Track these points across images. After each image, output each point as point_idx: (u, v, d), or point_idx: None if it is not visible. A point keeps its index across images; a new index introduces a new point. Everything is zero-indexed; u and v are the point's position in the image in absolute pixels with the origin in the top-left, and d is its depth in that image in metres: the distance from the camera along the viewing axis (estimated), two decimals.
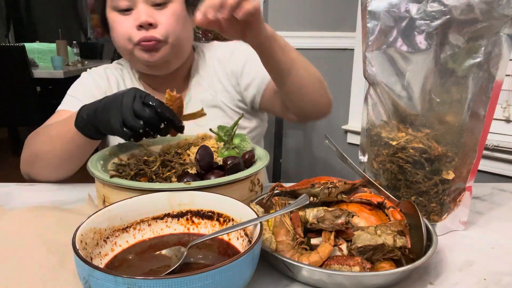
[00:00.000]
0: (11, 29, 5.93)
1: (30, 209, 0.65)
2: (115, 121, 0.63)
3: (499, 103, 1.51)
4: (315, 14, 1.95)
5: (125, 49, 0.88)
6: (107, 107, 0.66)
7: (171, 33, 0.85)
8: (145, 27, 0.83)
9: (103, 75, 0.98)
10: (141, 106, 0.63)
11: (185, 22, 0.89)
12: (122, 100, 0.64)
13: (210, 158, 0.63)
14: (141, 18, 0.82)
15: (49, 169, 0.81)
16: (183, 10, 0.88)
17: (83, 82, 0.97)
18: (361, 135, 0.72)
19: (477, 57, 0.57)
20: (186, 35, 0.91)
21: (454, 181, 0.62)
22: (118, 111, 0.63)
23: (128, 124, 0.63)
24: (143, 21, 0.82)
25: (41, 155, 0.80)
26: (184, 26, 0.88)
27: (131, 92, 0.65)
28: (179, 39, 0.88)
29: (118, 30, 0.86)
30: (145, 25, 0.83)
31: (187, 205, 0.55)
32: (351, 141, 2.10)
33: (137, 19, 0.83)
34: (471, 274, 0.54)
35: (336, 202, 0.62)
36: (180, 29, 0.87)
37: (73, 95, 0.94)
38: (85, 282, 0.38)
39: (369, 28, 0.63)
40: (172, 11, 0.85)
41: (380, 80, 0.64)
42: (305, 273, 0.48)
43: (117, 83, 0.98)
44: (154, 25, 0.83)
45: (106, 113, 0.65)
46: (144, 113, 0.62)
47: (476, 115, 0.59)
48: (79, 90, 0.95)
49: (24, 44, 2.95)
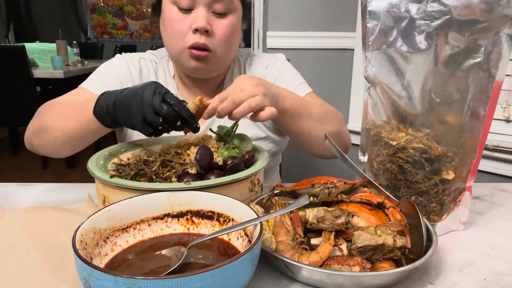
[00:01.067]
0: (11, 29, 5.93)
1: (30, 209, 0.65)
2: (135, 117, 0.63)
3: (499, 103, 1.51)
4: (315, 14, 1.95)
5: (175, 48, 0.86)
6: (126, 100, 0.65)
7: (223, 45, 0.85)
8: (201, 32, 0.82)
9: (137, 65, 0.96)
10: (159, 103, 0.63)
11: (238, 35, 0.89)
12: (142, 95, 0.63)
13: (210, 158, 0.63)
14: (200, 23, 0.81)
15: (55, 145, 0.81)
16: (239, 22, 0.88)
17: (115, 66, 0.95)
18: (361, 135, 0.72)
19: (477, 57, 0.57)
20: (235, 48, 0.91)
21: (454, 181, 0.62)
22: (139, 107, 0.63)
23: (148, 120, 0.63)
24: (201, 27, 0.81)
25: (50, 129, 0.79)
26: (236, 39, 0.89)
27: (151, 87, 0.64)
28: (228, 52, 0.88)
29: (175, 27, 0.84)
30: (202, 30, 0.82)
31: (187, 205, 0.55)
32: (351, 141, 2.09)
33: (195, 23, 0.81)
34: (471, 274, 0.54)
35: (336, 202, 0.62)
36: (232, 41, 0.87)
37: (100, 76, 0.93)
38: (85, 282, 0.38)
39: (369, 28, 0.63)
40: (230, 22, 0.84)
41: (380, 80, 0.64)
42: (305, 273, 0.48)
43: (149, 75, 0.96)
44: (209, 32, 0.83)
45: (126, 107, 0.65)
46: (162, 110, 0.62)
47: (476, 115, 0.59)
48: (108, 73, 0.93)
49: (24, 44, 2.95)
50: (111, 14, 6.40)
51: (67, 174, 3.35)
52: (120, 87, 0.87)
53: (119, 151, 0.73)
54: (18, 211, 0.65)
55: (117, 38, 6.45)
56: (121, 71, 0.94)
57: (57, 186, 0.84)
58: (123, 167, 0.66)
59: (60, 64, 3.17)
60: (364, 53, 0.65)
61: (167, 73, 0.98)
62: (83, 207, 0.70)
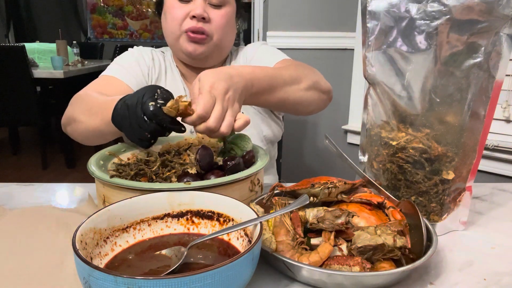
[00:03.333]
0: (11, 29, 5.93)
1: (30, 209, 0.65)
2: (131, 137, 0.66)
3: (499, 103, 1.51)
4: (315, 14, 1.95)
5: (173, 33, 0.93)
6: (122, 118, 0.66)
7: (219, 32, 0.93)
8: (197, 19, 0.90)
9: (149, 54, 1.03)
10: (143, 121, 0.62)
11: (232, 27, 0.98)
12: (130, 117, 0.64)
13: (210, 158, 0.63)
14: (197, 11, 0.89)
15: (81, 136, 0.85)
16: (233, 15, 0.96)
17: (133, 55, 1.01)
18: (361, 135, 0.72)
19: (477, 57, 0.57)
20: (230, 38, 0.99)
21: (454, 181, 0.62)
22: (130, 129, 0.65)
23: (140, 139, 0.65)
24: (198, 14, 0.89)
25: (77, 122, 0.82)
26: (230, 30, 0.97)
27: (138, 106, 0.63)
28: (224, 40, 0.95)
29: (173, 14, 0.92)
30: (199, 17, 0.89)
31: (187, 205, 0.55)
32: (351, 141, 2.10)
33: (193, 10, 0.90)
34: (471, 274, 0.54)
35: (336, 202, 0.62)
36: (227, 31, 0.95)
37: (121, 64, 0.98)
38: (85, 282, 0.38)
39: (369, 28, 0.63)
40: (225, 13, 0.93)
41: (380, 80, 0.64)
42: (305, 273, 0.48)
43: (160, 65, 1.03)
44: (206, 19, 0.90)
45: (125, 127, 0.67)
46: (148, 128, 0.62)
47: (476, 115, 0.59)
48: (127, 60, 0.99)
49: (24, 44, 2.95)
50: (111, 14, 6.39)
51: (67, 174, 3.35)
52: (140, 71, 0.98)
53: (119, 151, 0.73)
54: (18, 211, 0.65)
55: (117, 38, 6.45)
56: (138, 57, 1.01)
57: (57, 186, 0.84)
58: (123, 167, 0.66)
59: (60, 64, 3.16)
60: (364, 53, 0.65)
61: (172, 64, 1.05)
62: (83, 207, 0.70)
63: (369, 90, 0.68)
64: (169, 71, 1.04)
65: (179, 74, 1.03)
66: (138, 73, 0.97)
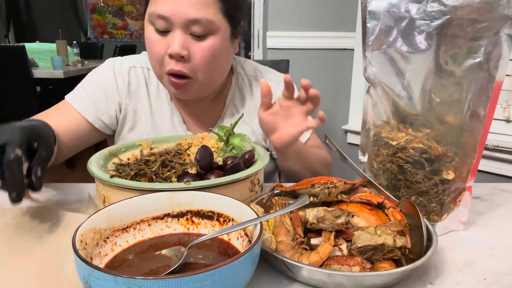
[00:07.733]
0: (11, 29, 5.93)
1: (30, 209, 0.65)
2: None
3: (499, 103, 1.52)
4: (315, 14, 1.95)
5: (155, 72, 0.84)
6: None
7: (203, 70, 0.80)
8: (176, 58, 0.77)
9: (125, 77, 0.91)
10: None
11: (223, 56, 0.82)
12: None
13: (210, 158, 0.63)
14: (174, 48, 0.75)
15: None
16: (225, 42, 0.81)
17: (101, 78, 0.91)
18: (361, 135, 0.72)
19: (477, 57, 0.57)
20: (222, 67, 0.85)
21: (454, 181, 0.62)
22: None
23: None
24: (174, 53, 0.76)
25: None
26: (219, 60, 0.82)
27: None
28: (211, 76, 0.82)
29: (152, 50, 0.80)
30: (177, 57, 0.77)
31: (187, 205, 0.55)
32: (351, 141, 2.10)
33: (170, 47, 0.76)
34: (471, 274, 0.54)
35: (336, 202, 0.62)
36: (214, 64, 0.81)
37: (85, 89, 0.90)
38: (85, 282, 0.38)
39: (369, 28, 0.63)
40: (210, 45, 0.78)
41: (380, 80, 0.64)
42: (305, 273, 0.48)
43: (138, 88, 0.92)
44: (186, 58, 0.77)
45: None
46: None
47: (476, 115, 0.59)
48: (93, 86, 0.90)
49: (24, 44, 2.94)
50: (111, 14, 6.40)
51: (67, 174, 3.35)
52: (105, 100, 0.89)
53: (119, 151, 0.73)
54: (18, 211, 0.65)
55: (117, 38, 6.45)
56: (108, 84, 0.90)
57: (57, 186, 0.84)
58: (123, 167, 0.66)
59: (60, 64, 3.16)
60: (364, 53, 0.65)
61: (159, 84, 0.93)
62: (83, 207, 0.70)
63: (369, 90, 0.68)
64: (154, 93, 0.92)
65: (168, 98, 0.92)
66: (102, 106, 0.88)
